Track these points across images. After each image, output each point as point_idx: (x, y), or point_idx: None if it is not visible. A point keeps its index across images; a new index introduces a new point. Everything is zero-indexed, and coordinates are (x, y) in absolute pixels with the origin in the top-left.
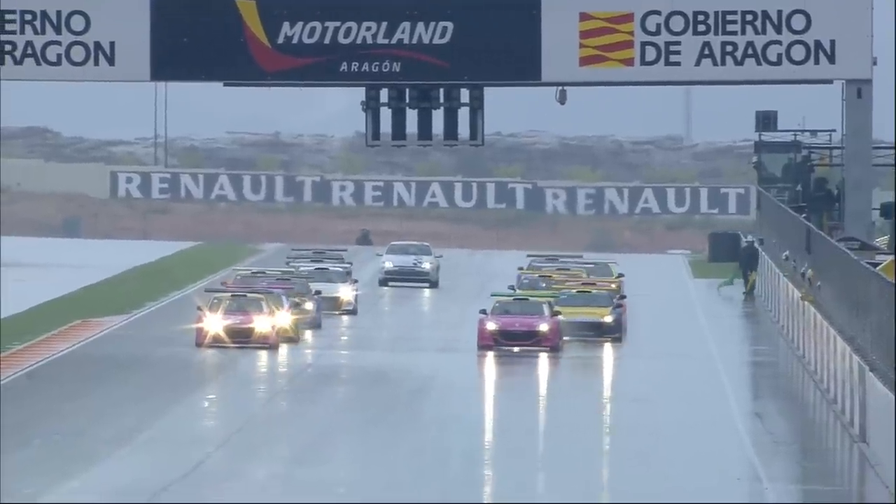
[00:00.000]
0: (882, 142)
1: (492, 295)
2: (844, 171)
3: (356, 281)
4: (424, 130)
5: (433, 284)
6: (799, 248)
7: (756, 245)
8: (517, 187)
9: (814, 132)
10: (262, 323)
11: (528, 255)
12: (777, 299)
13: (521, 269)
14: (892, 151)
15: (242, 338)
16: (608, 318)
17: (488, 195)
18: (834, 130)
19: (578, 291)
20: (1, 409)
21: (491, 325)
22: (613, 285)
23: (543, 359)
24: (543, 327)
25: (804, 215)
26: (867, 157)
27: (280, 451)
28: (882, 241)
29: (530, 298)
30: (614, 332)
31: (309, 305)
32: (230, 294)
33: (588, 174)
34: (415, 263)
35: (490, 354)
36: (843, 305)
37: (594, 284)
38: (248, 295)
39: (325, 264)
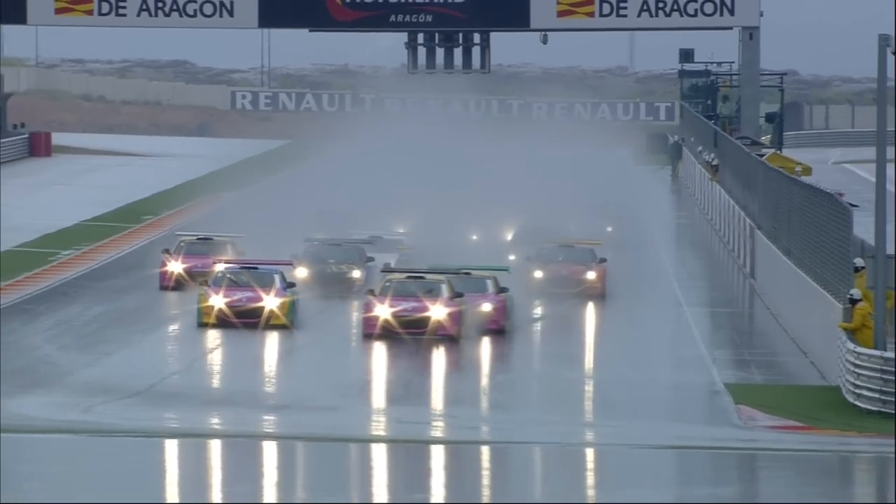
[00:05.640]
0: (766, 69)
1: (381, 271)
2: (740, 90)
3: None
4: (448, 62)
5: None
6: (709, 144)
7: (679, 143)
8: (513, 102)
9: (719, 63)
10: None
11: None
12: (693, 180)
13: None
14: (773, 76)
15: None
16: (487, 308)
17: (493, 108)
18: (733, 62)
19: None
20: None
21: (381, 310)
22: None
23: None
24: (440, 314)
25: (712, 121)
26: (756, 81)
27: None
28: (766, 138)
29: (427, 276)
30: (497, 323)
31: (357, 273)
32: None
33: (562, 93)
34: None
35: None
36: (738, 183)
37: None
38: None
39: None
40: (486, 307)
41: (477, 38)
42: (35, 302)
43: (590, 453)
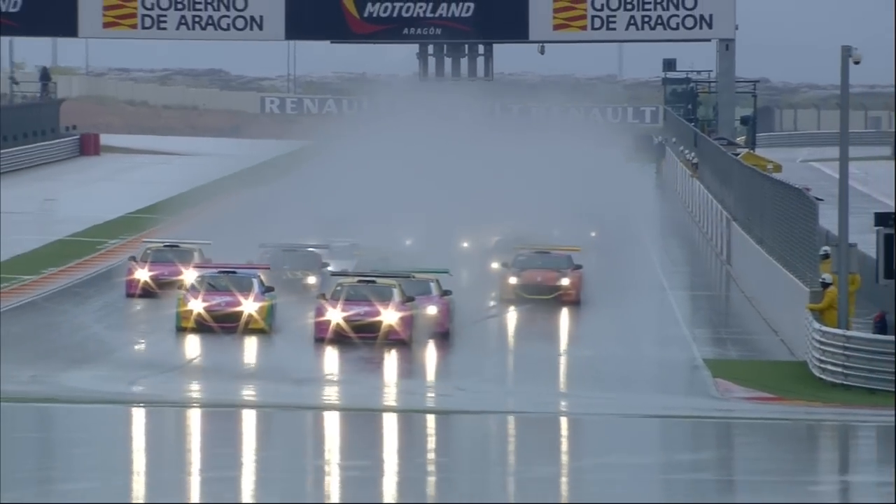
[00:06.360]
0: (741, 77)
1: (331, 274)
2: (717, 96)
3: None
4: (456, 71)
5: None
6: (689, 144)
7: (663, 143)
8: (514, 106)
9: (699, 72)
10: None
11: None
12: (675, 177)
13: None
14: (747, 83)
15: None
16: (433, 311)
17: (495, 111)
18: (711, 70)
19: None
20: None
21: (332, 315)
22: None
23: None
24: (392, 318)
25: (692, 123)
26: (732, 87)
27: None
28: (741, 139)
29: (378, 281)
30: (442, 326)
31: (312, 279)
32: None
33: (558, 98)
34: None
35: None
36: (715, 180)
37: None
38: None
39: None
40: (432, 310)
41: (481, 48)
42: (85, 286)
43: (582, 421)
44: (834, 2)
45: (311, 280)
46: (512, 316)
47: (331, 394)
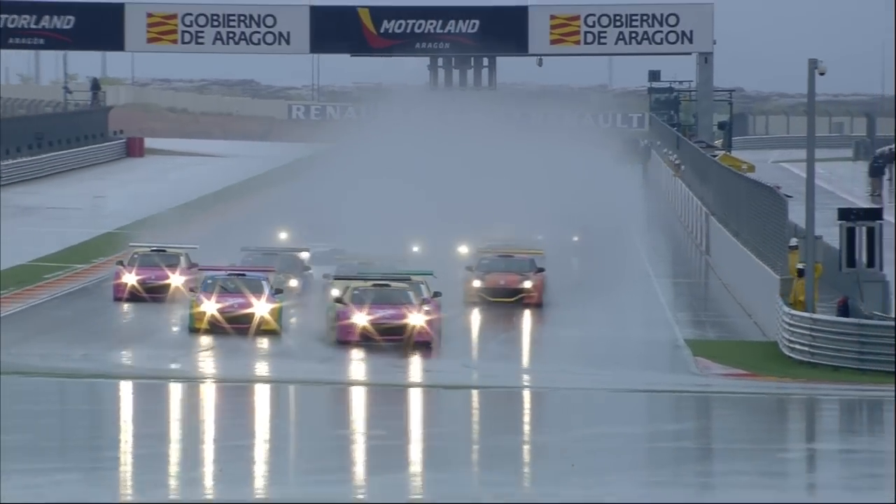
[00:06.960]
0: (718, 87)
1: (334, 278)
2: (697, 103)
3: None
4: (463, 81)
5: None
6: (672, 146)
7: (649, 146)
8: (514, 113)
9: (680, 82)
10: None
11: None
12: (660, 176)
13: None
14: (724, 92)
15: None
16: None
17: (498, 117)
18: (692, 81)
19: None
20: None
21: (358, 318)
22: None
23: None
24: (419, 320)
25: (675, 128)
26: (710, 96)
27: None
28: (718, 142)
29: (392, 284)
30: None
31: (294, 283)
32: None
33: (555, 105)
34: None
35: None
36: (696, 179)
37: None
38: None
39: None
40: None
41: (486, 61)
42: None
43: (574, 395)
44: (802, 19)
45: (293, 283)
46: (503, 311)
47: (372, 372)
